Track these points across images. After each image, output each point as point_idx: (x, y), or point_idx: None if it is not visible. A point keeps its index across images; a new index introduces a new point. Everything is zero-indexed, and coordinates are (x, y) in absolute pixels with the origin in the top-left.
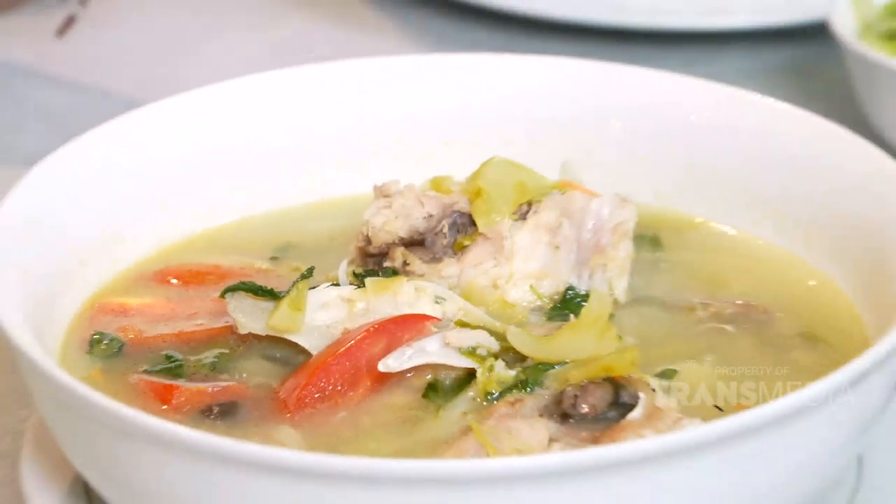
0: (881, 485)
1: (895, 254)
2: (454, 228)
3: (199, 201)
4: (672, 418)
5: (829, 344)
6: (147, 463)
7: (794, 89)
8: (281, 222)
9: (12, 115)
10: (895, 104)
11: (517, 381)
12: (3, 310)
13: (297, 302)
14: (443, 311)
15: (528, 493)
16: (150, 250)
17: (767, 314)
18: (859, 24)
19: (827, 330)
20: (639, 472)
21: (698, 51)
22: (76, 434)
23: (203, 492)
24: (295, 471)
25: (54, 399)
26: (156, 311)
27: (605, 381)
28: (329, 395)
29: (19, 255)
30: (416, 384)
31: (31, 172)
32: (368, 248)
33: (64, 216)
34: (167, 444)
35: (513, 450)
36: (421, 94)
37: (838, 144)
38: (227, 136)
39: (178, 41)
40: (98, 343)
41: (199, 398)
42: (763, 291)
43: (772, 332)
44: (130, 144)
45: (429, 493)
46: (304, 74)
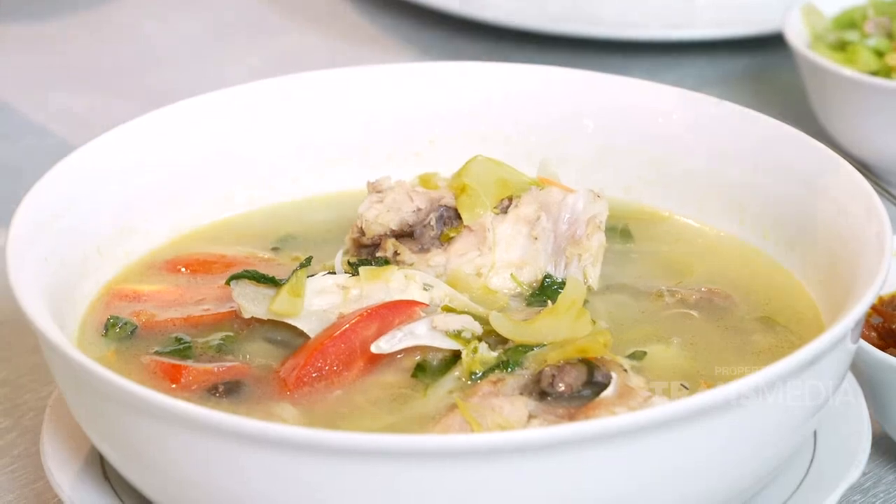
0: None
1: (844, 244)
2: (441, 221)
3: (207, 196)
4: (642, 396)
5: (786, 328)
6: (157, 437)
7: (751, 94)
8: (282, 216)
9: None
10: (842, 107)
11: (499, 362)
12: (26, 296)
13: (297, 289)
14: (430, 298)
15: (509, 466)
16: (162, 241)
17: (729, 300)
18: (810, 35)
19: (784, 315)
20: (612, 446)
21: (663, 59)
22: (92, 410)
23: (208, 463)
24: (293, 444)
25: (73, 378)
26: (166, 297)
27: (581, 362)
28: (326, 374)
29: (41, 244)
30: (406, 365)
31: (53, 169)
32: (362, 240)
33: (83, 209)
34: (175, 420)
35: (495, 425)
36: (410, 98)
37: (791, 144)
38: (232, 138)
39: (186, 51)
40: (113, 326)
41: (206, 377)
42: (725, 279)
43: (733, 316)
44: (145, 144)
45: (417, 466)
46: (302, 81)
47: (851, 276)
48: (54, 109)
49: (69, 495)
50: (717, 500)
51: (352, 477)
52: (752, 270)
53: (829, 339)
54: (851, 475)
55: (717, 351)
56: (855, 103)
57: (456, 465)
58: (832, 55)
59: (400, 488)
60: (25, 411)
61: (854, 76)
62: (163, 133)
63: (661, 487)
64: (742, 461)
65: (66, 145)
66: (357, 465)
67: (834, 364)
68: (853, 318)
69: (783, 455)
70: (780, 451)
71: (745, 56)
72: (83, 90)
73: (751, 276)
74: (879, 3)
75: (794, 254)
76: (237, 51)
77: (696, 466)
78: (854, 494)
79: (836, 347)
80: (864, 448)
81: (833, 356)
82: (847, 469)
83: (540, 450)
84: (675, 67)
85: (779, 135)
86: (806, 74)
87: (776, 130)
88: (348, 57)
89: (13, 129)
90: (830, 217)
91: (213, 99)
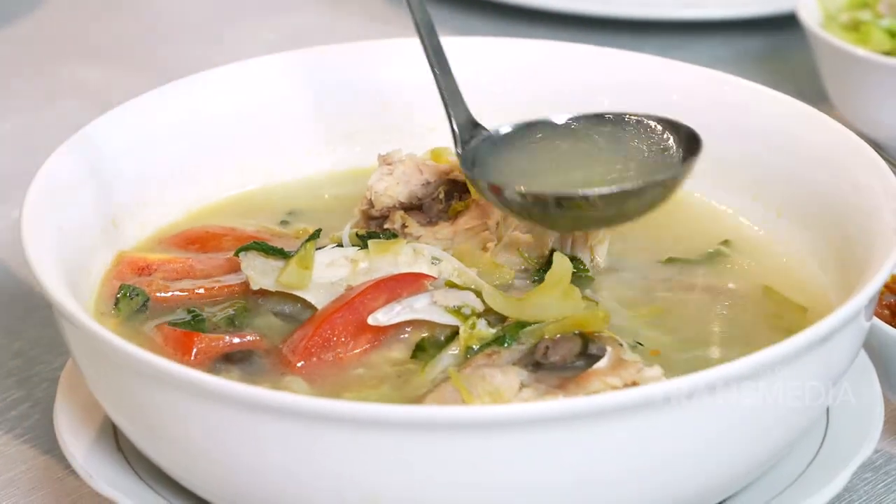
0: (846, 433)
1: (859, 222)
2: (449, 195)
3: (220, 171)
4: (636, 367)
5: (798, 305)
6: (170, 406)
7: (765, 73)
8: (292, 190)
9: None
10: (855, 86)
11: (496, 338)
12: (42, 267)
13: (305, 261)
14: (439, 271)
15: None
16: (176, 214)
17: (737, 279)
18: (823, 15)
19: (795, 293)
20: (614, 422)
21: (676, 39)
22: (107, 380)
23: (220, 432)
24: (299, 413)
25: (88, 348)
26: (177, 269)
27: (577, 336)
28: (333, 345)
29: (57, 216)
30: (412, 340)
31: (69, 140)
32: (371, 211)
33: (98, 182)
34: (189, 389)
35: (486, 393)
36: (423, 73)
37: (807, 122)
38: (246, 112)
39: (204, 26)
40: (125, 297)
41: (217, 348)
42: (732, 258)
43: (741, 295)
44: (159, 118)
45: (407, 434)
46: (316, 56)
47: (865, 253)
48: (68, 82)
49: (82, 465)
50: (737, 472)
51: (353, 445)
52: (764, 248)
53: (843, 315)
54: (864, 451)
55: (725, 327)
56: (867, 83)
57: (441, 434)
58: (845, 35)
59: (399, 456)
60: (38, 382)
61: (867, 56)
62: (177, 107)
63: (683, 460)
64: (757, 437)
65: (80, 118)
66: (352, 434)
67: (848, 341)
68: (867, 295)
69: (797, 431)
70: (795, 427)
71: (759, 36)
72: (97, 63)
73: (760, 255)
74: None
75: (806, 231)
76: (252, 26)
77: (715, 441)
78: (865, 472)
79: (850, 324)
80: (877, 424)
81: (847, 332)
82: (860, 445)
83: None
84: (688, 47)
85: (794, 112)
86: (819, 54)
87: (791, 108)
88: (362, 34)
89: (28, 102)
90: (845, 194)
91: (226, 73)
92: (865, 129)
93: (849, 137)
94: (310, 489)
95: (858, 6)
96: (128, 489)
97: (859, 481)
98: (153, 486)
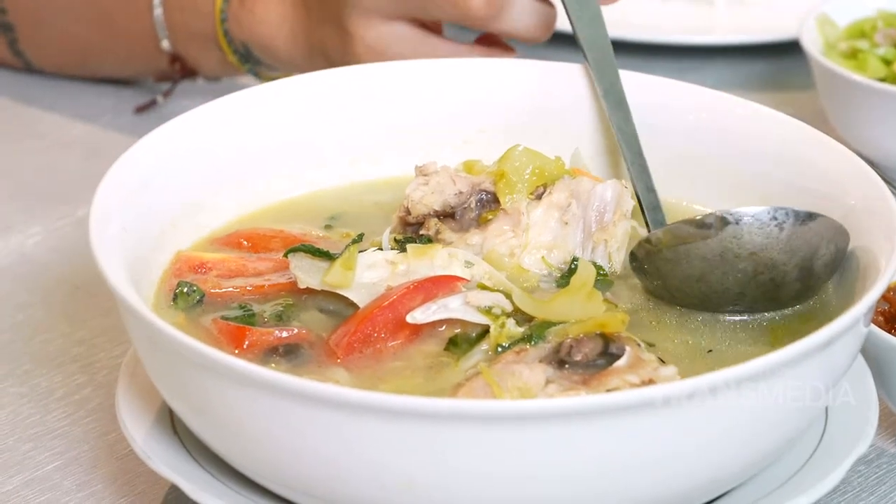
0: (844, 430)
1: (858, 235)
2: (480, 204)
3: (269, 178)
4: (653, 366)
5: (799, 314)
6: (220, 393)
7: (768, 97)
8: (336, 197)
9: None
10: (853, 110)
11: (523, 336)
12: (108, 264)
13: (349, 262)
14: (471, 274)
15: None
16: (229, 217)
17: None
18: (824, 43)
19: None
20: (625, 419)
21: (683, 63)
22: (165, 369)
23: (266, 419)
24: (341, 403)
25: (148, 340)
26: (231, 268)
27: (598, 336)
28: (373, 341)
29: (121, 217)
30: (447, 335)
31: (134, 147)
32: (408, 218)
33: (159, 185)
34: (237, 378)
35: (514, 388)
36: (459, 91)
37: (810, 142)
38: (295, 124)
39: None
40: (183, 293)
41: (267, 341)
42: None
43: None
44: (215, 128)
45: (444, 425)
46: (362, 73)
47: (865, 264)
48: None
49: (141, 447)
50: (742, 465)
51: (391, 434)
52: None
53: (844, 322)
54: (860, 447)
55: (730, 333)
56: (864, 107)
57: (473, 427)
58: (844, 62)
59: (433, 445)
60: (99, 369)
61: (864, 82)
62: (232, 118)
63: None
64: (759, 435)
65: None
66: (389, 424)
67: (848, 345)
68: (867, 303)
69: (800, 428)
70: (797, 426)
71: (763, 61)
72: None
73: None
74: (888, 15)
75: None
76: None
77: (718, 437)
78: (859, 465)
79: (851, 330)
80: (872, 422)
81: (847, 338)
82: (856, 442)
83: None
84: (696, 71)
85: (798, 134)
86: (819, 80)
87: (796, 129)
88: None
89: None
90: (846, 209)
91: (278, 87)
92: (863, 149)
93: (850, 157)
94: (348, 473)
95: (857, 35)
96: (182, 470)
97: (853, 474)
98: (206, 466)
